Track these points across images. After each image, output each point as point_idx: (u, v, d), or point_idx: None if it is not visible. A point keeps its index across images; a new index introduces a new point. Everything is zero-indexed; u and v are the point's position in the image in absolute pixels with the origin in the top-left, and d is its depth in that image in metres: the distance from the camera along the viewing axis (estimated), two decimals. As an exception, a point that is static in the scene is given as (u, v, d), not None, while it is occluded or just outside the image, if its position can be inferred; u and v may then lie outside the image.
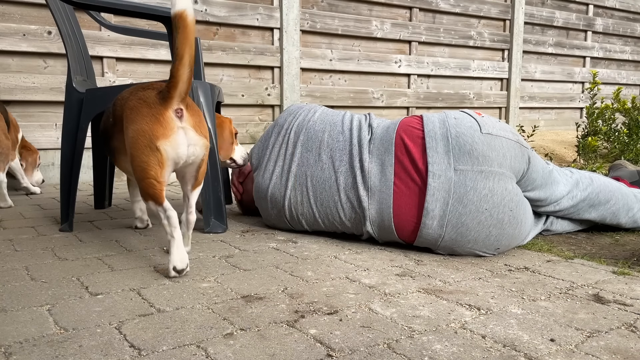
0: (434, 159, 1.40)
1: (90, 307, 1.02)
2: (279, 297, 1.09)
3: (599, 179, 1.66)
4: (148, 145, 1.20)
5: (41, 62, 2.83)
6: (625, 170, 1.98)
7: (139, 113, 1.22)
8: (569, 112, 5.36)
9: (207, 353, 0.83)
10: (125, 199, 2.36)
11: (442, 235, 1.39)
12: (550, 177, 1.55)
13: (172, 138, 1.21)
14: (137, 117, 1.22)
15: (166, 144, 1.20)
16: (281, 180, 1.61)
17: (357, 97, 3.97)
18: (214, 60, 3.33)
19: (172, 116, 1.22)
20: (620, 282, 1.22)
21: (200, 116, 1.30)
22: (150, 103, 1.22)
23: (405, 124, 1.51)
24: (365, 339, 0.89)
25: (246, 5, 3.43)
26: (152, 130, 1.19)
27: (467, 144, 1.39)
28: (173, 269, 1.20)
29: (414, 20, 4.22)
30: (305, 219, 1.60)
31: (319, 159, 1.56)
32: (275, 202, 1.63)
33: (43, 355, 0.82)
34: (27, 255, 1.41)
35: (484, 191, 1.36)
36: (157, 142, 1.19)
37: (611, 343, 0.89)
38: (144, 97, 1.25)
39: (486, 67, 4.65)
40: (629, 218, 1.69)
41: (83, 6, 1.61)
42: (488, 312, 1.02)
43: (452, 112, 1.49)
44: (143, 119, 1.21)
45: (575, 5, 5.27)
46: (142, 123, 1.21)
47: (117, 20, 2.99)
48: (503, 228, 1.38)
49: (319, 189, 1.54)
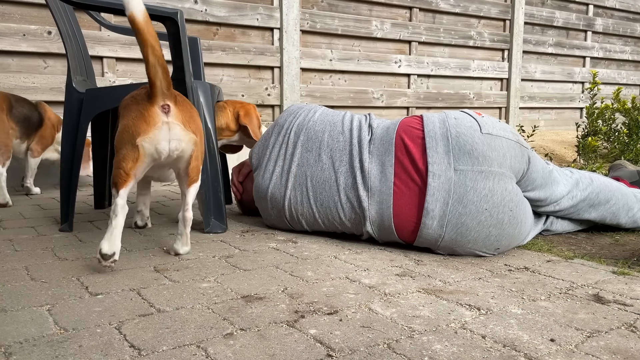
0: (434, 159, 1.40)
1: (90, 307, 1.02)
2: (279, 297, 1.09)
3: (599, 179, 1.66)
4: (130, 140, 1.24)
5: (41, 62, 2.83)
6: (625, 170, 1.98)
7: (129, 110, 1.27)
8: (569, 112, 5.35)
9: (207, 353, 0.83)
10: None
11: (442, 236, 1.39)
12: (550, 177, 1.55)
13: (152, 133, 1.24)
14: (126, 114, 1.27)
15: (145, 140, 1.23)
16: (281, 180, 1.61)
17: (357, 97, 3.97)
18: (214, 60, 3.33)
19: (158, 111, 1.25)
20: (620, 282, 1.22)
21: (191, 113, 1.32)
22: (139, 100, 1.27)
23: (405, 124, 1.51)
24: (365, 339, 0.89)
25: (246, 5, 3.43)
26: (135, 126, 1.23)
27: (467, 144, 1.39)
28: (99, 252, 1.22)
29: (414, 20, 4.22)
30: (305, 219, 1.60)
31: (319, 159, 1.56)
32: (275, 202, 1.63)
33: (43, 355, 0.82)
34: (27, 255, 1.41)
35: (484, 191, 1.36)
36: (137, 139, 1.23)
37: (611, 343, 0.89)
38: (135, 95, 1.30)
39: (486, 67, 4.65)
40: (629, 218, 1.69)
41: (83, 6, 1.61)
42: (488, 312, 1.02)
43: (452, 112, 1.49)
44: (130, 115, 1.26)
45: (575, 5, 5.27)
46: (129, 119, 1.25)
47: (117, 20, 2.99)
48: (503, 228, 1.38)
49: (319, 189, 1.54)
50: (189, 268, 1.29)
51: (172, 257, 1.39)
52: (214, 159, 1.69)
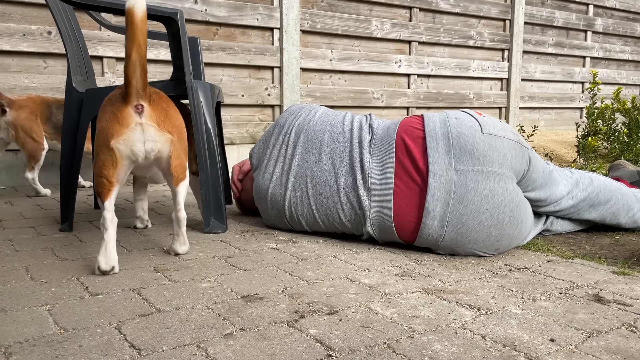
0: (435, 159, 1.40)
1: (90, 307, 1.02)
2: (279, 297, 1.09)
3: (599, 179, 1.66)
4: (105, 143, 1.22)
5: (41, 62, 2.83)
6: (625, 171, 1.99)
7: (104, 111, 1.26)
8: (569, 112, 5.35)
9: (207, 353, 0.83)
10: (125, 199, 2.36)
11: (443, 236, 1.39)
12: (550, 177, 1.55)
13: (126, 135, 1.22)
14: (102, 116, 1.26)
15: (119, 142, 1.22)
16: (281, 180, 1.61)
17: (357, 97, 3.97)
18: (214, 60, 3.33)
19: (131, 112, 1.23)
20: (621, 282, 1.22)
21: (167, 111, 1.29)
22: (113, 101, 1.26)
23: (405, 124, 1.51)
24: (365, 339, 0.89)
25: (246, 5, 3.43)
26: (109, 128, 1.22)
27: (468, 144, 1.39)
28: (97, 269, 1.22)
29: (414, 20, 4.22)
30: (305, 220, 1.60)
31: (319, 159, 1.56)
32: (275, 203, 1.63)
33: (43, 355, 0.82)
34: (27, 255, 1.41)
35: (484, 191, 1.36)
36: (111, 141, 1.21)
37: (611, 343, 0.89)
38: (110, 96, 1.28)
39: (486, 67, 4.64)
40: (628, 218, 1.69)
41: (83, 6, 1.61)
42: (488, 312, 1.02)
43: (453, 112, 1.49)
44: (105, 117, 1.24)
45: (575, 5, 5.27)
46: (103, 121, 1.24)
47: (117, 20, 2.99)
48: (503, 228, 1.38)
49: (319, 189, 1.54)
50: (189, 268, 1.29)
51: (172, 257, 1.39)
52: (214, 159, 1.69)
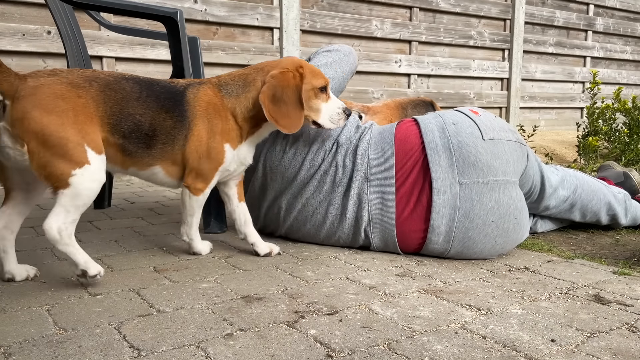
0: (438, 174, 1.35)
1: (90, 308, 1.02)
2: (279, 298, 1.09)
3: (583, 178, 1.67)
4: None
5: (41, 62, 2.83)
6: (612, 171, 2.01)
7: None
8: (569, 112, 5.35)
9: (207, 353, 0.83)
10: (125, 199, 2.36)
11: (449, 250, 1.37)
12: (541, 167, 1.57)
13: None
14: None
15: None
16: (273, 211, 1.54)
17: (357, 96, 3.97)
18: (213, 60, 3.32)
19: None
20: (621, 283, 1.22)
21: (27, 111, 1.12)
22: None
23: (401, 139, 1.43)
24: (365, 340, 0.89)
25: (246, 5, 3.43)
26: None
27: (471, 154, 1.35)
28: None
29: (414, 20, 4.22)
30: (304, 239, 1.56)
31: (315, 191, 1.47)
32: (272, 229, 1.59)
33: (42, 356, 0.82)
34: (27, 255, 1.41)
35: (490, 204, 1.34)
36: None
37: (612, 343, 0.89)
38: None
39: (486, 67, 4.64)
40: (608, 216, 1.70)
41: (83, 6, 1.61)
42: (488, 312, 1.02)
43: (450, 116, 1.43)
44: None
45: (575, 5, 5.26)
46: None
47: (117, 20, 2.99)
48: (508, 236, 1.37)
49: (317, 222, 1.47)
50: (189, 268, 1.29)
51: (172, 258, 1.39)
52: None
